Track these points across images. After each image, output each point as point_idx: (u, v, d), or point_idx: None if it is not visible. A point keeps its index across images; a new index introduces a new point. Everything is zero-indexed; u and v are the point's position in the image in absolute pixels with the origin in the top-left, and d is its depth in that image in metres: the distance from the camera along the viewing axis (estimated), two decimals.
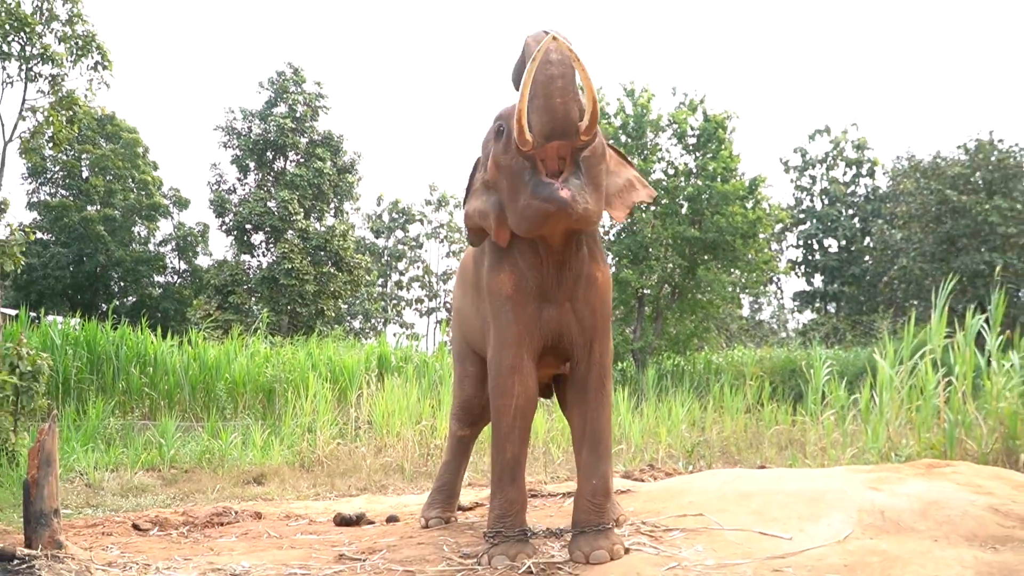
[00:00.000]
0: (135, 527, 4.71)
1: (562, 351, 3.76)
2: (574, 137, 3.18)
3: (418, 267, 39.48)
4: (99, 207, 27.73)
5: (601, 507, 3.60)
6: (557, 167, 3.27)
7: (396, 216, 38.50)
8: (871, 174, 33.76)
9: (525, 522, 3.73)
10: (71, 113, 13.27)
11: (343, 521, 4.81)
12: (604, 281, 3.70)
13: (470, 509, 4.98)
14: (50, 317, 13.45)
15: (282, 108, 25.72)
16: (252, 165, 25.77)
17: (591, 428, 3.68)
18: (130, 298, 28.64)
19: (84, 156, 27.53)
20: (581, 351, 3.70)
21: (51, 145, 13.56)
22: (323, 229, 25.53)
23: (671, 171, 20.04)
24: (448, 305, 39.01)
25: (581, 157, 3.31)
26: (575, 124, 3.16)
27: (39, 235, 26.11)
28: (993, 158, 22.90)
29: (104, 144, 28.07)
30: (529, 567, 3.41)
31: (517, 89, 3.28)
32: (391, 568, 3.51)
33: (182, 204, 30.69)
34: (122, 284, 28.66)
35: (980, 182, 23.00)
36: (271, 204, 25.04)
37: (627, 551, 3.54)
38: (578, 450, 3.75)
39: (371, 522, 4.86)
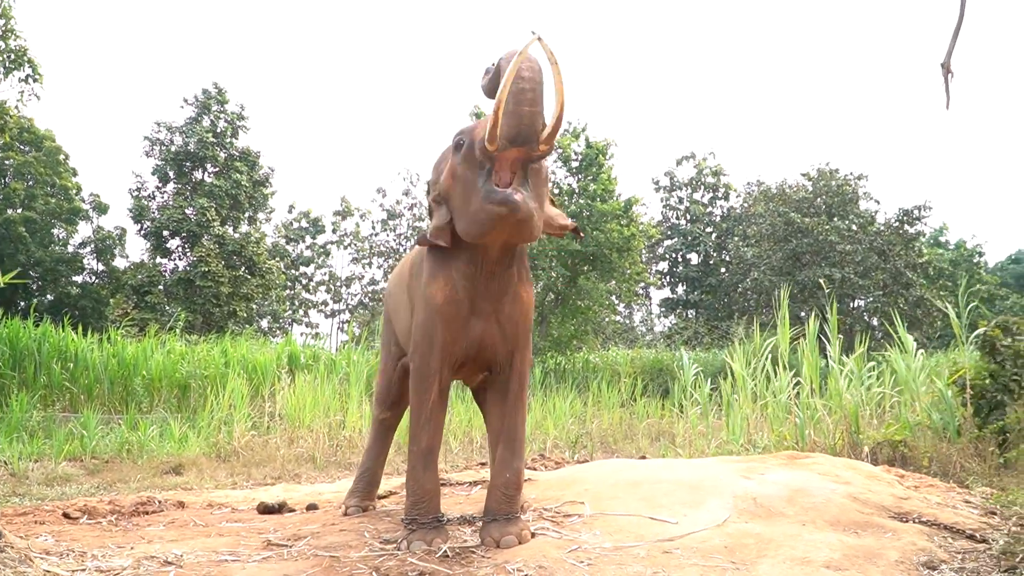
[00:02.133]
0: (65, 515, 4.45)
1: (482, 362, 3.73)
2: (535, 144, 3.17)
3: (324, 272, 38.85)
4: (20, 210, 26.34)
5: (512, 498, 3.60)
6: (508, 180, 3.24)
7: (307, 225, 37.81)
8: (726, 197, 34.95)
9: (439, 509, 3.69)
10: (1, 122, 12.59)
11: (266, 509, 4.65)
12: (528, 299, 3.69)
13: (385, 497, 4.89)
14: None
15: (204, 123, 25.02)
16: (172, 175, 24.97)
17: (508, 427, 3.67)
18: (48, 296, 27.26)
19: (7, 162, 26.11)
20: (503, 360, 3.69)
21: None
22: (238, 236, 24.92)
23: (556, 191, 20.24)
24: (350, 307, 38.46)
25: (530, 171, 3.30)
26: (538, 133, 3.15)
27: None
28: (833, 184, 23.96)
29: (26, 150, 26.68)
30: (445, 551, 3.37)
31: (490, 98, 3.28)
32: (317, 554, 3.42)
33: (101, 209, 29.38)
34: (40, 283, 27.26)
35: (822, 206, 24.03)
36: (189, 211, 24.30)
37: (533, 536, 3.54)
38: (494, 446, 3.74)
39: (292, 510, 4.72)
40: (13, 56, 13.10)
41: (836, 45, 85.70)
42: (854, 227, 23.15)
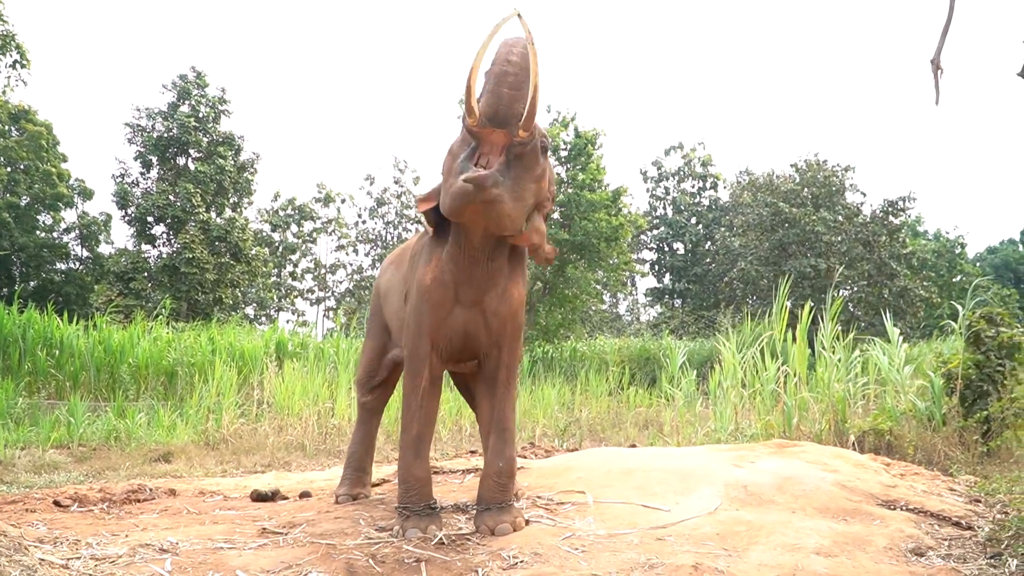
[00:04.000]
0: (56, 503, 4.45)
1: (468, 352, 3.76)
2: (514, 128, 3.18)
3: (310, 259, 38.69)
4: (5, 195, 26.10)
5: (506, 486, 3.63)
6: (491, 163, 3.23)
7: (292, 212, 37.58)
8: (714, 187, 35.03)
9: (432, 496, 3.72)
10: None
11: (259, 497, 4.67)
12: (519, 298, 3.68)
13: (377, 485, 4.91)
14: None
15: (185, 108, 24.80)
16: (155, 160, 24.75)
17: (498, 417, 3.70)
18: (32, 283, 27.03)
19: None
20: (490, 351, 3.71)
21: None
22: (223, 222, 24.75)
23: None
24: (336, 295, 38.34)
25: (515, 162, 3.27)
26: (517, 116, 3.17)
27: None
28: (821, 175, 24.09)
29: (14, 134, 26.42)
30: (441, 538, 3.40)
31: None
32: (313, 541, 3.44)
33: (87, 195, 29.11)
34: (24, 269, 27.02)
35: (808, 197, 24.15)
36: (173, 197, 24.13)
37: (527, 523, 3.58)
38: (486, 435, 3.77)
39: (285, 498, 4.74)
40: (1, 42, 12.94)
41: (826, 38, 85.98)
42: (840, 218, 23.31)
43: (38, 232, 27.30)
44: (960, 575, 2.93)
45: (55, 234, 28.12)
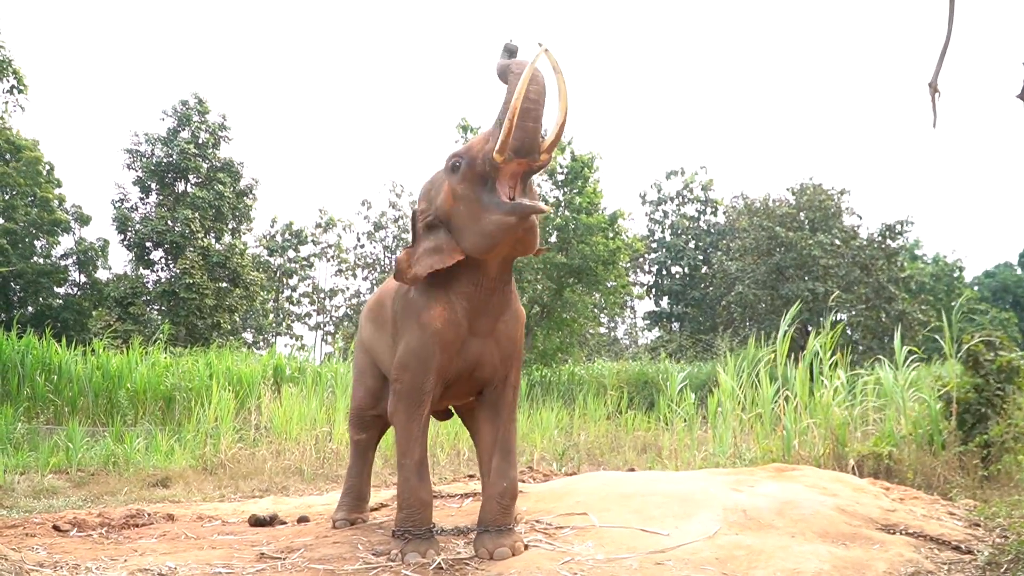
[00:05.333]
0: (56, 528, 4.44)
1: (474, 382, 3.78)
2: (537, 155, 3.29)
3: (307, 284, 38.74)
4: (1, 220, 26.14)
5: (508, 509, 3.63)
6: (510, 193, 3.34)
7: (289, 237, 37.66)
8: (714, 212, 35.13)
9: (431, 520, 3.72)
10: None
11: (257, 522, 4.66)
12: (521, 317, 3.78)
13: (376, 510, 4.90)
14: None
15: (185, 134, 24.91)
16: (154, 186, 24.81)
17: (503, 439, 3.71)
18: (30, 308, 27.00)
19: None
20: (499, 376, 3.74)
21: None
22: (222, 248, 24.78)
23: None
24: (335, 320, 38.35)
25: (527, 185, 3.42)
26: (539, 145, 3.28)
27: None
28: (817, 199, 24.17)
29: (8, 160, 26.49)
30: (440, 563, 3.40)
31: (503, 81, 3.39)
32: (311, 567, 3.44)
33: (83, 220, 29.15)
34: (22, 295, 27.00)
35: (804, 220, 24.22)
36: (172, 223, 24.18)
37: (526, 548, 3.57)
38: (488, 459, 3.76)
39: (283, 522, 4.73)
40: None
41: (824, 61, 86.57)
42: (837, 241, 23.36)
43: (36, 258, 27.29)
44: None
45: (52, 259, 28.11)
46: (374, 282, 37.46)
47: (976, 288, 36.68)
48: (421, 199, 3.77)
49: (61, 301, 27.66)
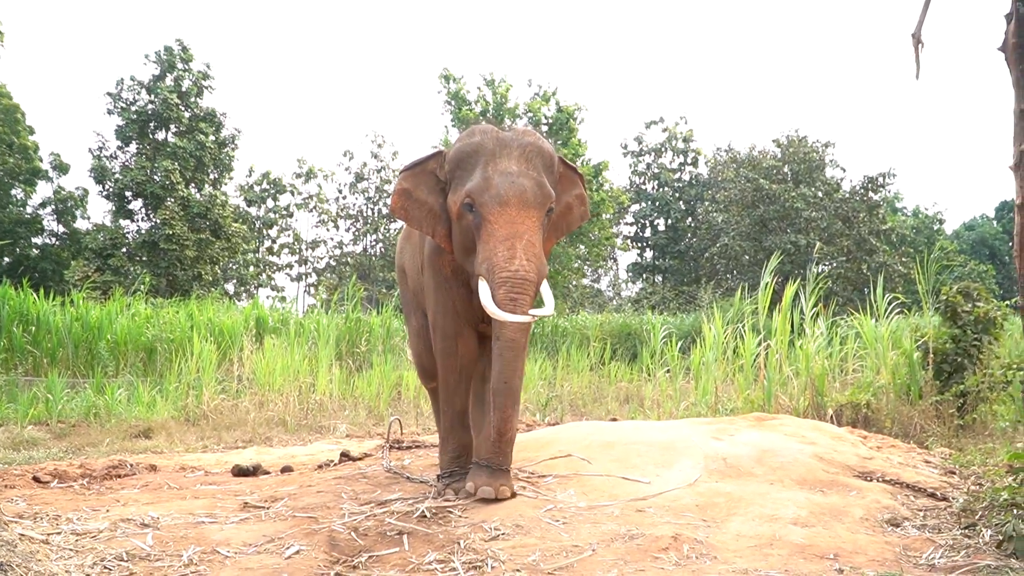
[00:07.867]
0: (36, 479, 4.42)
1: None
2: None
3: (288, 235, 38.39)
4: None
5: (499, 446, 3.57)
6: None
7: (268, 187, 37.19)
8: (695, 163, 34.93)
9: (471, 462, 3.85)
10: None
11: (241, 472, 4.67)
12: None
13: (359, 459, 4.92)
14: None
15: (168, 81, 24.44)
16: (134, 135, 24.37)
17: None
18: (6, 259, 26.68)
19: None
20: None
21: None
22: (203, 198, 24.48)
23: None
24: (317, 271, 38.17)
25: None
26: None
27: None
28: (801, 151, 24.17)
29: None
30: (423, 511, 3.41)
31: None
32: (295, 515, 3.45)
33: (62, 169, 28.68)
34: None
35: (789, 173, 24.24)
36: (152, 172, 23.83)
37: (514, 495, 3.57)
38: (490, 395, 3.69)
39: (267, 472, 4.75)
40: None
41: (807, 12, 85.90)
42: (820, 194, 23.42)
43: (12, 207, 26.90)
44: (935, 545, 2.98)
45: (29, 209, 27.71)
46: (357, 233, 37.23)
47: (955, 241, 36.87)
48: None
49: (38, 251, 27.36)
